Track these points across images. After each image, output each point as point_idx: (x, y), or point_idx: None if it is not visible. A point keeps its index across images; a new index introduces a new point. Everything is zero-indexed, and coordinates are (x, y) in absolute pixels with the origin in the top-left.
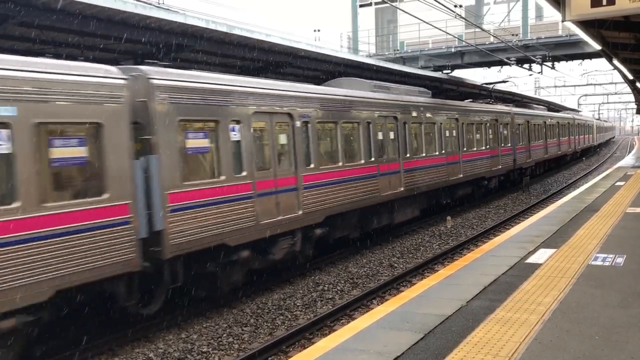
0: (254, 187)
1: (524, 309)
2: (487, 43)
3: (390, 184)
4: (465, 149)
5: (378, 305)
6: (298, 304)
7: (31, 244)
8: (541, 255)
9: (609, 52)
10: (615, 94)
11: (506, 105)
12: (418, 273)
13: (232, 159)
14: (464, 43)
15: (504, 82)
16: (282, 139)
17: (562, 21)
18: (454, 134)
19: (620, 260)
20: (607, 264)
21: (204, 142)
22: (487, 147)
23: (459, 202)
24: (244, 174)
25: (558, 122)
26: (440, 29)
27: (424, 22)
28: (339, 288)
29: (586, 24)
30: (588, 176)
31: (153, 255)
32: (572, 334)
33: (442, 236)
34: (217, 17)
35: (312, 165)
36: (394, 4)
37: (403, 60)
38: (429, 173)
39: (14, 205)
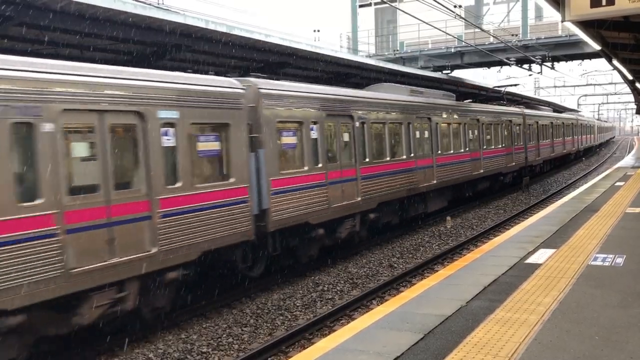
0: (326, 177)
1: (523, 309)
2: (486, 43)
3: (425, 176)
4: (485, 147)
5: (378, 305)
6: (298, 304)
7: (188, 214)
8: (541, 256)
9: (608, 52)
10: (615, 94)
11: (518, 107)
12: (418, 273)
13: (312, 153)
14: (463, 43)
15: (515, 85)
16: (345, 137)
17: (562, 21)
18: (476, 133)
19: (620, 260)
20: (606, 264)
21: (293, 139)
22: (503, 145)
23: (479, 195)
24: (320, 165)
25: (563, 123)
26: (439, 29)
27: (424, 22)
28: (338, 288)
29: (586, 24)
30: (588, 176)
31: (259, 229)
32: (572, 334)
33: (441, 236)
34: (217, 17)
35: (367, 159)
36: (393, 4)
37: (403, 60)
38: (456, 168)
39: (177, 185)
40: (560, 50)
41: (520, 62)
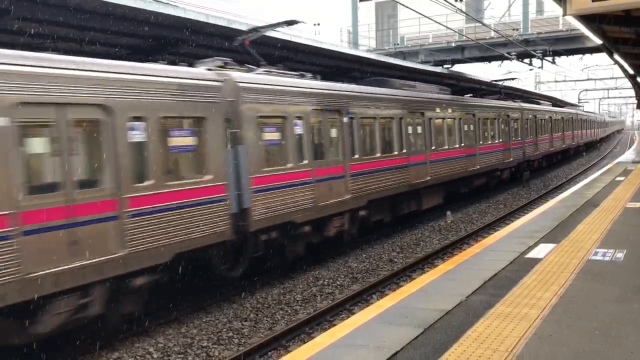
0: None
1: (524, 304)
2: (487, 38)
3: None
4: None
5: (378, 300)
6: (298, 299)
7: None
8: (541, 250)
9: (609, 46)
10: (616, 88)
11: (570, 107)
12: (418, 268)
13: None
14: (464, 38)
15: (579, 103)
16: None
17: (563, 15)
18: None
19: (620, 255)
20: (607, 259)
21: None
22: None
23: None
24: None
25: (597, 119)
26: (440, 24)
27: (425, 16)
28: (338, 283)
29: (587, 19)
30: (588, 171)
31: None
32: (572, 329)
33: (441, 231)
34: (218, 10)
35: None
36: None
37: (403, 55)
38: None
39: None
40: (561, 45)
41: (521, 57)
